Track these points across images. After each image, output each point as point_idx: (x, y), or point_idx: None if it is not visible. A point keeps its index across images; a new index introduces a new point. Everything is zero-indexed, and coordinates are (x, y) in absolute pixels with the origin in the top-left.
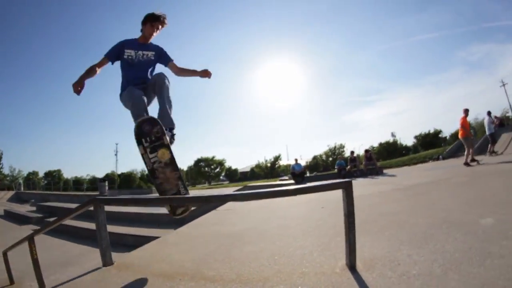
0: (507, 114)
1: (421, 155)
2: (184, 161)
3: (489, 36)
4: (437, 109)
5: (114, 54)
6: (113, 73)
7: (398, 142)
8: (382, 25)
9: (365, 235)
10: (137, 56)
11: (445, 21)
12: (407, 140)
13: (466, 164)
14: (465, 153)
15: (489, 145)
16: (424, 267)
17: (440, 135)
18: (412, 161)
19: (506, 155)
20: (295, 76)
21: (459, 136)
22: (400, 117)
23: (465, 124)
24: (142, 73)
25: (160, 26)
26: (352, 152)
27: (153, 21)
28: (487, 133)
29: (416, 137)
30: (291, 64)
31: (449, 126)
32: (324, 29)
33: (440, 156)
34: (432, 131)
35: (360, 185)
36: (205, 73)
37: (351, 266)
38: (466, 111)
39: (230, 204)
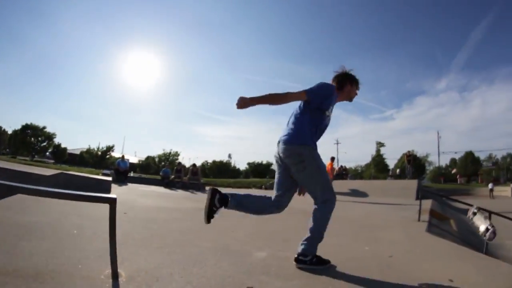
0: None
1: (247, 181)
2: (10, 121)
3: (342, 104)
4: (273, 146)
5: (322, 101)
6: None
7: (233, 164)
8: (260, 58)
9: (145, 248)
10: (329, 117)
11: (313, 78)
12: (241, 164)
13: None
14: None
15: None
16: (179, 286)
17: (271, 167)
18: (237, 184)
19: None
20: (155, 70)
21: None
22: (241, 142)
23: (330, 169)
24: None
25: None
26: (179, 163)
27: (358, 85)
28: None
29: (249, 163)
30: (154, 57)
31: None
32: (204, 37)
33: (263, 186)
34: (265, 162)
35: (175, 197)
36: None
37: (115, 275)
38: (333, 159)
39: None
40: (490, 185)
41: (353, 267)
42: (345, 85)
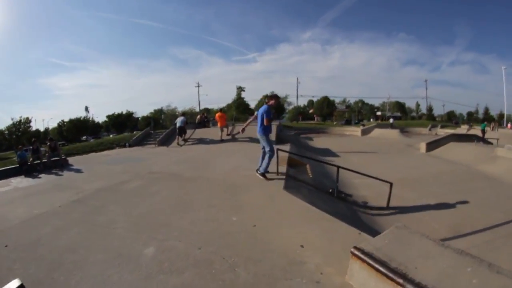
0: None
1: (110, 140)
2: None
3: (203, 46)
4: (135, 92)
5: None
6: None
7: (91, 119)
8: None
9: None
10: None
11: (179, 19)
12: (101, 117)
13: (230, 135)
14: (229, 131)
15: (178, 137)
16: None
17: (133, 115)
18: (100, 147)
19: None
20: None
21: (220, 125)
22: (98, 91)
23: (223, 117)
24: None
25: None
26: (34, 141)
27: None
28: (178, 126)
29: (108, 116)
30: None
31: (142, 109)
32: None
33: (127, 144)
34: (125, 112)
35: (42, 190)
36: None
37: None
38: (221, 109)
39: None
40: (391, 120)
41: (227, 244)
42: (273, 99)
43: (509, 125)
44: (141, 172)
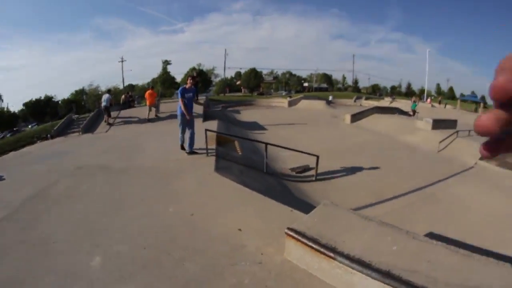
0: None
1: (29, 133)
2: None
3: (129, 15)
4: (54, 71)
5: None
6: None
7: (6, 109)
8: None
9: None
10: (190, 94)
11: None
12: (17, 105)
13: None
14: (155, 112)
15: (106, 116)
16: None
17: (53, 99)
18: (20, 143)
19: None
20: None
21: (148, 103)
22: (13, 75)
23: (153, 95)
24: None
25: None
26: None
27: (189, 79)
28: (103, 105)
29: (25, 104)
30: None
31: (62, 90)
32: None
33: (49, 135)
34: (43, 97)
35: None
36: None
37: None
38: (152, 87)
39: None
40: (330, 97)
41: (170, 238)
42: (187, 79)
43: (428, 100)
44: (68, 169)
